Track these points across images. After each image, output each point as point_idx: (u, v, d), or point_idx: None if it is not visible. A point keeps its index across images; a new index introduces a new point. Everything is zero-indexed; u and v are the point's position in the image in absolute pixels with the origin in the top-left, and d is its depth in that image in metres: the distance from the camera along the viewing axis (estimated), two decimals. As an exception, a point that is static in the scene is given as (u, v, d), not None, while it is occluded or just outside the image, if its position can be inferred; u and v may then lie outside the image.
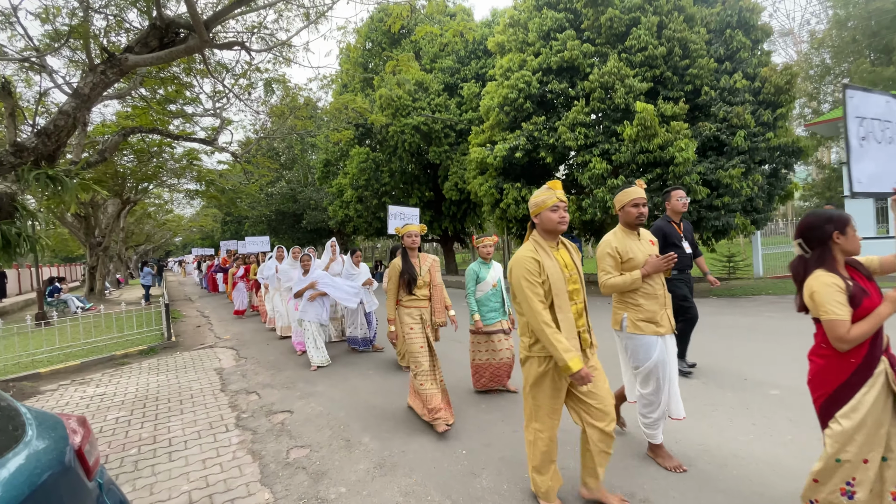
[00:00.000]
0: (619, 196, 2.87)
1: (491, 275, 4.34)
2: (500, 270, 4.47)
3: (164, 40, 5.81)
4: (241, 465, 3.35)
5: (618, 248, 2.76)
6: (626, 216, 2.84)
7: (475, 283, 4.32)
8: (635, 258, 2.74)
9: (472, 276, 4.35)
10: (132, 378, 5.97)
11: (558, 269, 2.31)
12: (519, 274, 2.30)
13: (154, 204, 25.47)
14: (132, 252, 37.37)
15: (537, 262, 2.29)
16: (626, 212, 2.82)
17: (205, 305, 14.56)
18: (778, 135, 9.15)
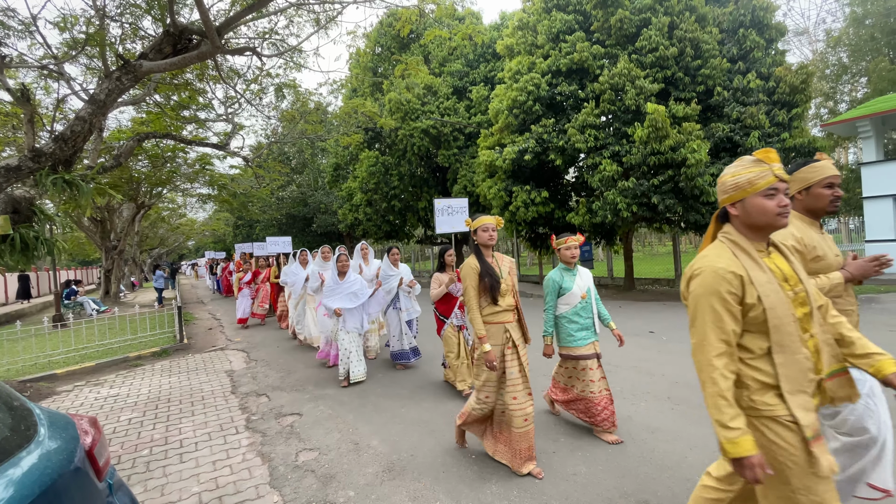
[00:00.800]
0: (805, 172, 2.04)
1: (578, 284, 3.45)
2: (590, 278, 3.57)
3: (177, 46, 5.90)
4: (251, 467, 3.36)
5: (803, 240, 1.95)
6: (815, 200, 2.05)
7: (556, 295, 3.47)
8: (825, 256, 1.99)
9: (553, 288, 3.47)
10: (145, 379, 6.04)
11: (776, 285, 1.49)
12: (706, 291, 1.49)
13: (168, 208, 25.87)
14: (146, 255, 37.96)
15: (740, 277, 1.48)
16: (817, 194, 2.04)
17: (216, 308, 14.70)
18: (793, 135, 9.00)
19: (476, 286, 3.06)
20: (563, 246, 3.49)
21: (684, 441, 3.25)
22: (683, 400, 4.06)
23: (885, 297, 8.43)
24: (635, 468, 2.91)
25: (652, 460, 3.01)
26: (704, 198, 8.69)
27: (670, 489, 2.65)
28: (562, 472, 2.93)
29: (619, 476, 2.84)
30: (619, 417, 3.73)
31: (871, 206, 11.94)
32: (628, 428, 3.53)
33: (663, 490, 2.65)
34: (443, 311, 4.77)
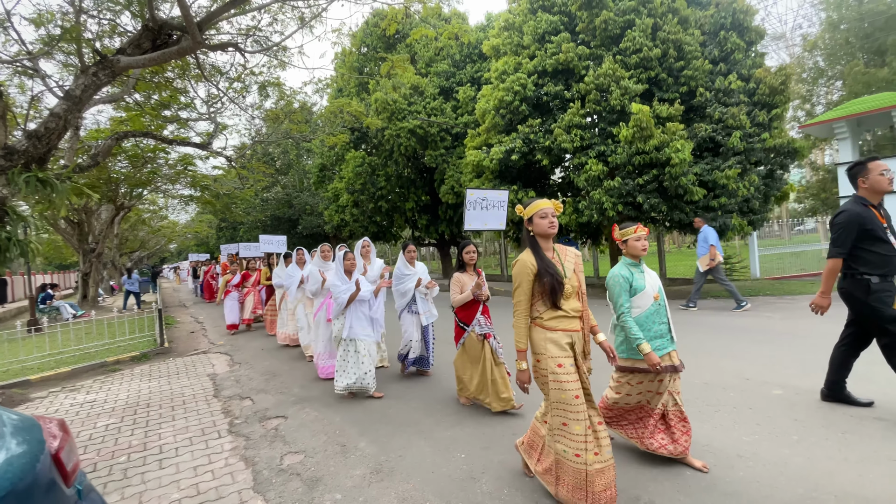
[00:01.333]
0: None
1: (649, 282, 2.84)
2: (656, 275, 2.98)
3: (156, 42, 5.75)
4: (234, 471, 3.26)
5: None
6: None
7: (629, 295, 2.82)
8: None
9: (622, 287, 2.83)
10: (123, 384, 5.86)
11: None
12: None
13: (148, 210, 25.31)
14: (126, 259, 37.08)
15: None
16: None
17: (199, 312, 14.41)
18: (773, 136, 9.17)
19: (530, 288, 2.51)
20: (630, 236, 2.88)
21: (674, 436, 3.24)
22: (672, 396, 4.06)
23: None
24: (626, 465, 2.89)
25: (643, 457, 2.99)
26: (688, 197, 8.79)
27: (661, 484, 2.64)
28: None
29: (609, 472, 2.81)
30: (608, 414, 3.72)
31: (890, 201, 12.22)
32: (618, 424, 3.52)
33: (654, 485, 2.63)
34: (464, 317, 4.09)
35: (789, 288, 9.95)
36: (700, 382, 4.34)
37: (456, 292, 4.09)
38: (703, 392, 4.08)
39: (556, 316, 2.49)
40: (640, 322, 2.79)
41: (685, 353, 5.42)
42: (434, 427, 3.77)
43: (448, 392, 4.60)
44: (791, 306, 7.89)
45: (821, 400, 3.65)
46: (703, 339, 6.01)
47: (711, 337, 6.14)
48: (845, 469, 2.65)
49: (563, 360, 2.43)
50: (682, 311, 8.10)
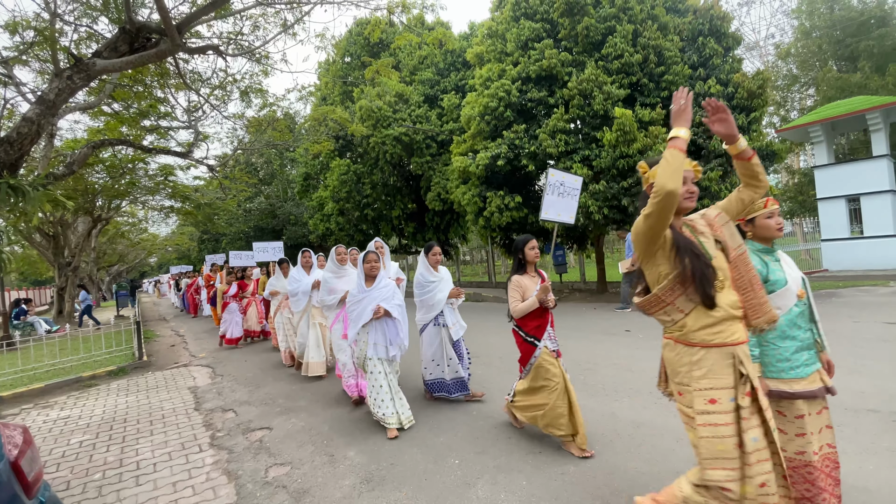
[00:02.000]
0: None
1: (790, 274, 2.06)
2: (794, 263, 2.18)
3: (134, 45, 5.60)
4: (216, 486, 3.10)
5: None
6: None
7: None
8: None
9: None
10: (99, 400, 5.60)
11: None
12: None
13: (127, 222, 24.69)
14: (104, 273, 36.07)
15: None
16: None
17: (180, 325, 14.02)
18: (753, 138, 9.36)
19: (672, 280, 1.71)
20: (760, 213, 2.08)
21: (670, 434, 3.20)
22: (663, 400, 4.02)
23: (844, 291, 8.79)
24: (624, 464, 2.83)
25: (640, 455, 2.93)
26: (672, 199, 8.90)
27: (661, 482, 2.57)
28: (549, 472, 2.81)
29: (608, 473, 2.74)
30: (602, 414, 3.67)
31: (825, 207, 12.54)
32: (613, 424, 3.46)
33: (654, 484, 2.57)
34: (532, 329, 3.14)
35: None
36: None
37: (517, 299, 3.17)
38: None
39: (709, 323, 1.69)
40: (783, 327, 1.98)
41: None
42: (426, 433, 3.66)
43: (438, 397, 4.49)
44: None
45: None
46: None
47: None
48: (845, 461, 2.61)
49: (719, 393, 1.65)
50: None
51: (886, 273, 10.51)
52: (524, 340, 3.19)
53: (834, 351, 4.82)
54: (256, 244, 9.01)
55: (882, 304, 7.13)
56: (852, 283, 9.61)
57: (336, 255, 4.83)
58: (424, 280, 4.28)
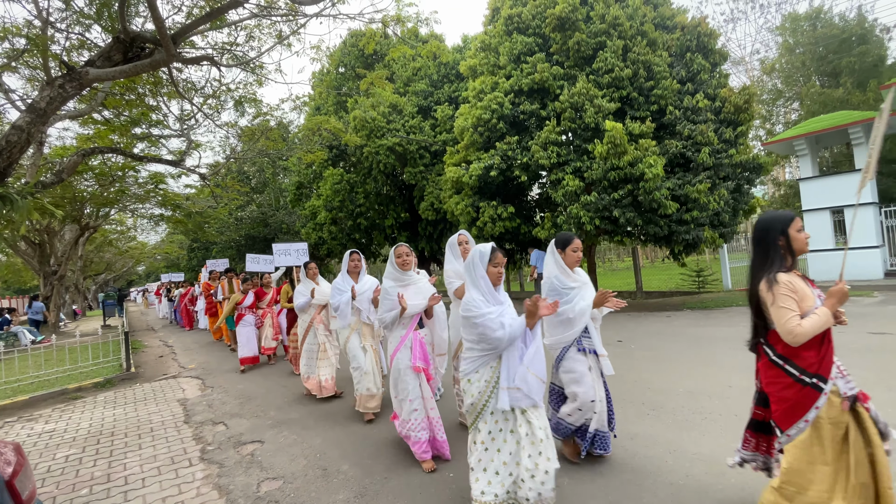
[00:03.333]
0: None
1: None
2: None
3: (128, 55, 5.59)
4: (206, 501, 3.05)
5: None
6: None
7: None
8: None
9: None
10: (85, 413, 5.49)
11: None
12: None
13: (116, 231, 24.39)
14: (91, 282, 35.49)
15: None
16: None
17: (168, 335, 13.82)
18: (739, 151, 9.54)
19: None
20: None
21: (663, 445, 3.22)
22: (658, 405, 4.05)
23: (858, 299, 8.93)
24: (619, 475, 2.84)
25: (633, 466, 2.94)
26: (662, 210, 9.01)
27: (655, 494, 2.59)
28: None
29: (603, 485, 2.75)
30: (596, 426, 3.67)
31: (810, 219, 12.79)
32: (607, 436, 3.47)
33: (648, 496, 2.58)
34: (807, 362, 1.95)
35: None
36: (684, 391, 4.35)
37: (794, 311, 1.94)
38: (688, 400, 4.08)
39: None
40: None
41: (667, 362, 5.48)
42: (420, 446, 3.63)
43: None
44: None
45: None
46: (685, 349, 6.07)
47: (692, 346, 6.21)
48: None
49: None
50: (660, 322, 8.21)
51: (870, 284, 10.72)
52: (795, 379, 1.96)
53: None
54: (277, 246, 7.57)
55: (867, 315, 7.25)
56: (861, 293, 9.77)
57: (395, 257, 3.63)
58: (562, 285, 3.00)
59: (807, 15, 18.40)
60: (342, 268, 4.65)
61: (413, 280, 3.59)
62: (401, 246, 3.66)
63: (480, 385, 2.39)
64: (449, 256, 3.75)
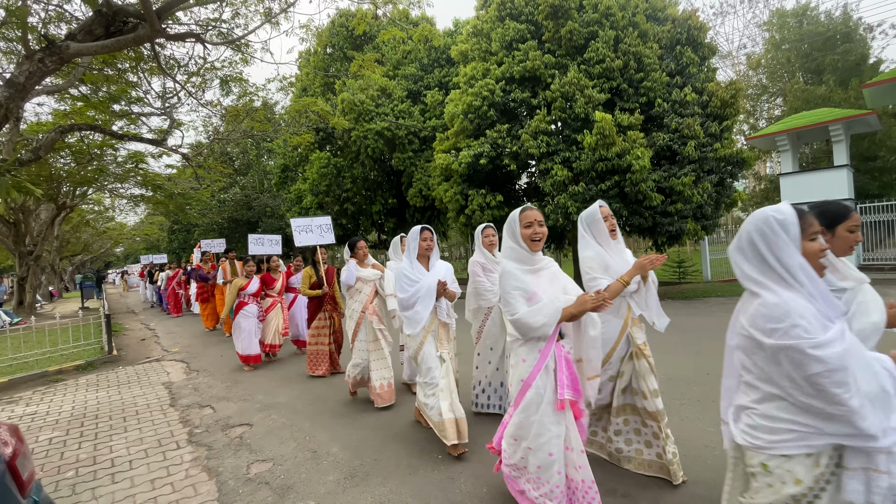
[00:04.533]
0: None
1: None
2: None
3: (110, 29, 5.41)
4: (196, 483, 3.07)
5: None
6: None
7: None
8: None
9: None
10: (67, 395, 5.43)
11: None
12: None
13: (93, 211, 23.73)
14: (67, 262, 34.56)
15: None
16: None
17: (150, 318, 13.62)
18: (724, 146, 9.71)
19: None
20: None
21: (644, 430, 3.33)
22: (639, 392, 4.19)
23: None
24: (597, 459, 2.94)
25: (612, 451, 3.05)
26: (647, 202, 9.16)
27: (634, 476, 2.70)
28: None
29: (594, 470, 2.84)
30: (580, 411, 3.79)
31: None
32: (590, 421, 3.59)
33: (629, 477, 2.69)
34: None
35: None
36: (665, 377, 4.50)
37: None
38: (667, 387, 4.23)
39: None
40: None
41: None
42: (409, 429, 3.71)
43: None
44: (742, 306, 8.36)
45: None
46: (665, 337, 6.24)
47: (673, 335, 6.39)
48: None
49: None
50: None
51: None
52: None
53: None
54: (296, 221, 6.07)
55: (838, 307, 7.54)
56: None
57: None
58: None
59: (794, 11, 18.61)
60: (407, 250, 3.43)
61: (545, 264, 2.39)
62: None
63: None
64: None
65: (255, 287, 6.38)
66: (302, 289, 5.66)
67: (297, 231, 6.02)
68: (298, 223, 6.08)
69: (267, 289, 6.60)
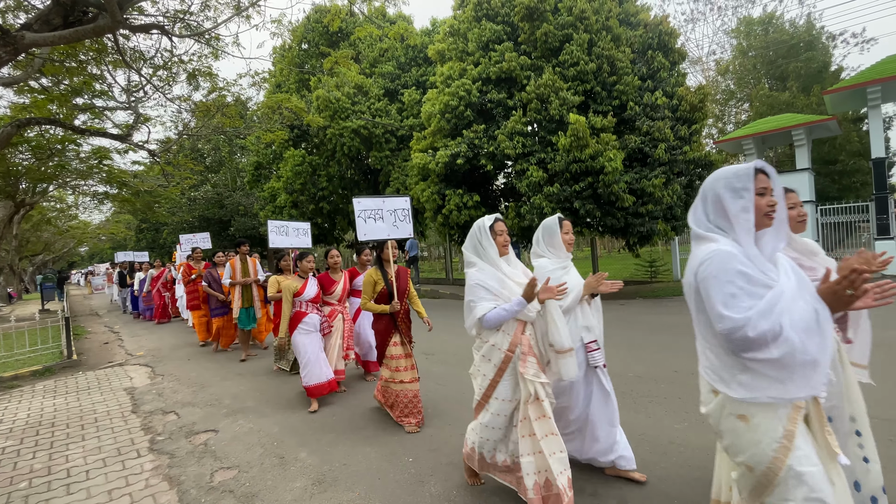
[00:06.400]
0: None
1: None
2: None
3: (69, 18, 5.17)
4: (156, 493, 2.96)
5: None
6: None
7: None
8: None
9: None
10: (23, 402, 5.17)
11: None
12: None
13: (55, 208, 22.71)
14: (27, 263, 33.00)
15: None
16: None
17: (115, 321, 13.12)
18: (693, 149, 9.98)
19: None
20: None
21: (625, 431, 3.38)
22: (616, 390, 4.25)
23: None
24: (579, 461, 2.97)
25: (584, 449, 3.09)
26: (619, 203, 9.34)
27: (602, 473, 2.73)
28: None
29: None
30: (551, 411, 3.82)
31: (755, 214, 13.61)
32: (561, 420, 3.62)
33: (596, 474, 2.72)
34: None
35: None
36: (633, 375, 4.59)
37: None
38: (636, 384, 4.31)
39: None
40: None
41: (620, 348, 5.74)
42: (379, 433, 3.66)
43: (393, 396, 4.49)
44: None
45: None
46: (636, 335, 6.38)
47: (643, 333, 6.53)
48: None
49: None
50: (613, 310, 8.56)
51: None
52: None
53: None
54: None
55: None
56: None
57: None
58: None
59: (760, 19, 19.31)
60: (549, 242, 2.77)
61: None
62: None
63: None
64: None
65: (314, 291, 4.69)
66: (363, 301, 3.89)
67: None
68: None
69: (324, 294, 4.93)
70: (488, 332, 2.47)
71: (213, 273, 7.22)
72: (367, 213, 4.08)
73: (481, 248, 2.53)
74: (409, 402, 3.72)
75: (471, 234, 2.58)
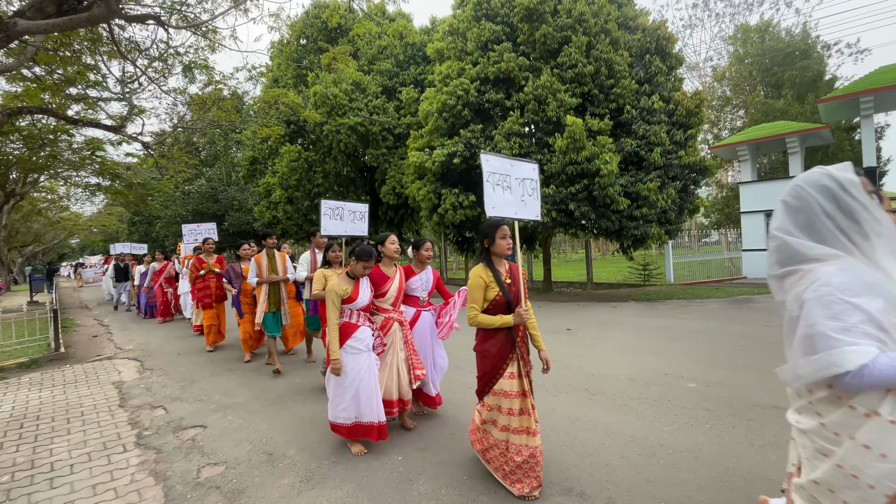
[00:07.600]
0: None
1: None
2: None
3: (63, 7, 5.10)
4: (141, 488, 2.92)
5: None
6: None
7: None
8: None
9: None
10: (8, 395, 5.09)
11: None
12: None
13: (46, 199, 22.46)
14: (16, 254, 32.60)
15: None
16: None
17: (104, 314, 12.98)
18: (688, 153, 10.05)
19: None
20: None
21: (602, 429, 3.40)
22: (599, 391, 4.27)
23: (759, 297, 9.68)
24: (559, 457, 2.97)
25: (573, 448, 3.09)
26: (614, 206, 9.37)
27: (591, 475, 2.74)
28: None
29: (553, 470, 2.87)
30: (541, 410, 3.82)
31: (747, 220, 13.72)
32: (551, 419, 3.62)
33: (585, 476, 2.73)
34: None
35: (698, 292, 10.94)
36: (624, 377, 4.60)
37: None
38: (627, 386, 4.32)
39: None
40: None
41: (611, 350, 5.76)
42: (369, 430, 3.63)
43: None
44: (701, 308, 8.67)
45: (728, 392, 3.98)
46: (627, 338, 6.40)
47: (635, 335, 6.56)
48: (751, 453, 2.92)
49: None
50: (606, 312, 8.60)
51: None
52: None
53: (747, 353, 5.28)
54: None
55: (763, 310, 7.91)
56: (766, 290, 10.61)
57: None
58: None
59: (757, 27, 19.46)
60: None
61: None
62: None
63: None
64: None
65: (367, 297, 3.36)
66: (471, 314, 2.66)
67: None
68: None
69: (378, 297, 3.55)
70: (868, 398, 1.21)
71: (234, 268, 6.35)
72: (497, 178, 2.87)
73: (853, 222, 1.30)
74: (525, 461, 2.51)
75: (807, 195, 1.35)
